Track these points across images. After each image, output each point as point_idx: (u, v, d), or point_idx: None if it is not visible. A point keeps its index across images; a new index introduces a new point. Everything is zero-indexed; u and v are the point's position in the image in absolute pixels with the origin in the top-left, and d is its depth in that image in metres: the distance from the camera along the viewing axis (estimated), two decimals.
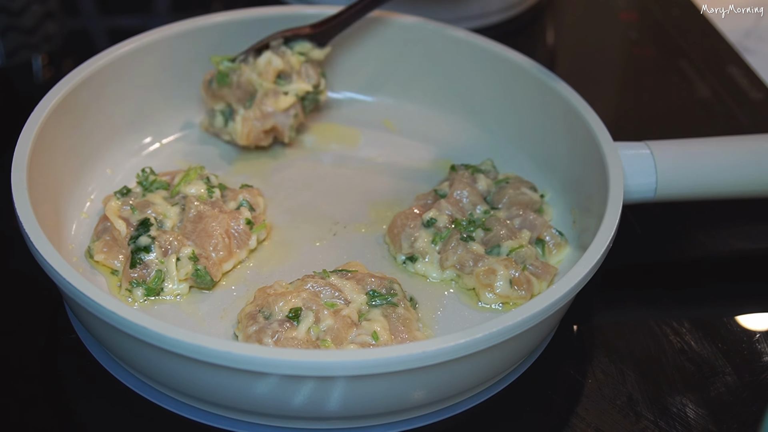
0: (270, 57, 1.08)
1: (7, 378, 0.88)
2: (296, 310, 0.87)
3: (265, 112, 1.07)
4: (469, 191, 1.02)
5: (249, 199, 1.01)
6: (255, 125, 1.07)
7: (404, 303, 0.91)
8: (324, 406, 0.80)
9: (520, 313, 0.80)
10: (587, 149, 1.00)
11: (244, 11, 1.16)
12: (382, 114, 1.20)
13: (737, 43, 1.45)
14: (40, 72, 1.31)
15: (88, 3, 1.49)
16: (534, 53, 1.15)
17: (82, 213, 1.01)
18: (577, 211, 1.02)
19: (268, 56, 1.08)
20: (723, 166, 1.01)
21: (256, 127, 1.07)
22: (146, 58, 1.10)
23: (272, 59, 1.08)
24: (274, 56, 1.08)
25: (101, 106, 1.06)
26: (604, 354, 0.94)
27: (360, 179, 1.11)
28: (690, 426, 0.87)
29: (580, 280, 0.84)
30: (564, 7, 1.55)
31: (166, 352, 0.77)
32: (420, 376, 0.79)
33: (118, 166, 1.08)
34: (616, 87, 1.41)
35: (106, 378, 0.88)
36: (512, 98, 1.13)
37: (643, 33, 1.48)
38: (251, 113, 1.07)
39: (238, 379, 0.78)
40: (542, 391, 0.90)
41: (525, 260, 0.95)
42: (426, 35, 1.17)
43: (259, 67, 1.08)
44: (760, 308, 1.02)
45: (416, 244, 0.98)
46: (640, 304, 1.01)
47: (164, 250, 0.93)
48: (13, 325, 0.94)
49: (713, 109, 1.30)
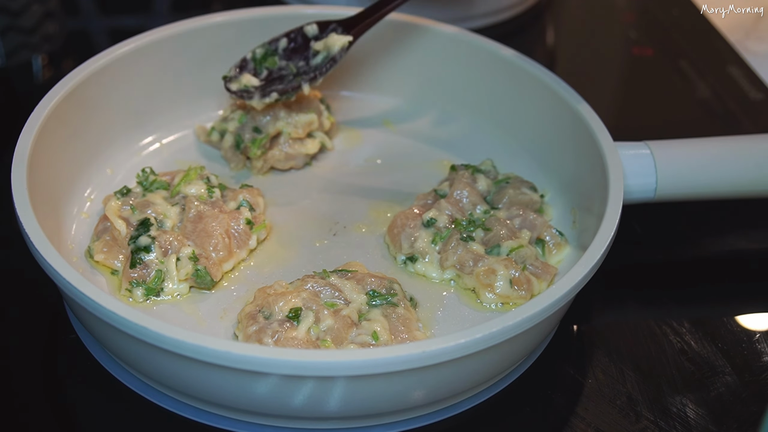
0: (312, 117, 1.09)
1: (7, 378, 0.88)
2: (296, 310, 0.87)
3: (289, 154, 1.09)
4: (469, 191, 1.02)
5: (249, 199, 1.01)
6: (276, 164, 1.09)
7: (404, 303, 0.91)
8: (324, 406, 0.80)
9: (520, 313, 0.80)
10: (587, 149, 1.00)
11: (244, 11, 1.16)
12: (382, 114, 1.20)
13: (737, 43, 1.45)
14: (40, 72, 1.31)
15: (88, 3, 1.49)
16: (534, 53, 1.15)
17: (82, 213, 1.01)
18: (577, 211, 1.02)
19: (312, 117, 1.09)
20: (723, 166, 1.01)
21: (274, 165, 1.09)
22: (146, 58, 1.10)
23: (313, 119, 1.10)
24: (312, 114, 1.10)
25: (101, 106, 1.06)
26: (604, 354, 0.94)
27: (360, 179, 1.11)
28: (690, 426, 0.87)
29: (580, 280, 0.84)
30: (564, 7, 1.55)
31: (166, 352, 0.77)
32: (420, 376, 0.79)
33: (118, 166, 1.08)
34: (616, 87, 1.41)
35: (106, 378, 0.88)
36: (512, 98, 1.13)
37: (643, 33, 1.48)
38: (275, 153, 1.08)
39: (238, 379, 0.78)
40: (542, 391, 0.90)
41: (525, 260, 0.95)
42: (426, 35, 1.17)
43: (300, 122, 1.09)
44: (760, 308, 1.02)
45: (416, 244, 0.98)
46: (640, 304, 1.01)
47: (164, 250, 0.93)
48: (13, 325, 0.94)
49: (713, 109, 1.30)
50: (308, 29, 1.08)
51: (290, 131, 1.08)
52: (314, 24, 1.08)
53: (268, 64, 1.08)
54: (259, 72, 1.08)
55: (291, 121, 1.09)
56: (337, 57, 1.05)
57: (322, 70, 1.05)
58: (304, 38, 1.08)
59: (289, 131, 1.08)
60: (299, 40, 1.08)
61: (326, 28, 1.07)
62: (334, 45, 1.05)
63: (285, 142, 1.09)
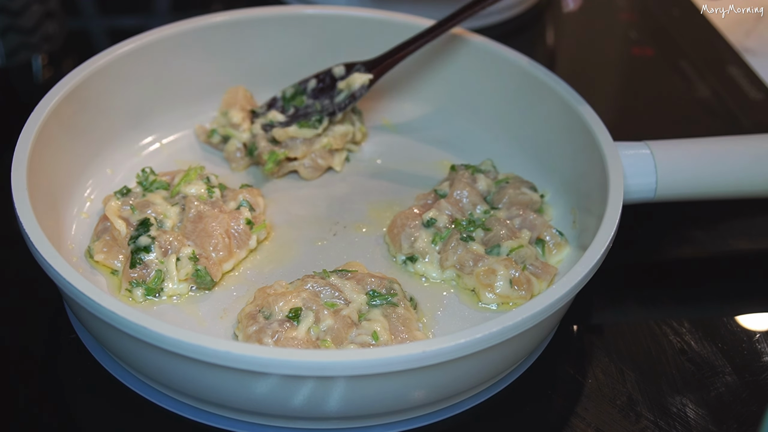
0: (349, 129, 1.11)
1: (8, 378, 0.88)
2: (296, 310, 0.87)
3: (317, 165, 1.09)
4: (469, 191, 1.02)
5: (249, 199, 1.01)
6: (301, 171, 1.09)
7: (404, 303, 0.91)
8: (324, 406, 0.80)
9: (520, 313, 0.80)
10: (587, 149, 1.00)
11: (244, 11, 1.16)
12: (382, 114, 1.20)
13: (737, 43, 1.45)
14: (40, 72, 1.31)
15: (88, 3, 1.49)
16: (534, 53, 1.15)
17: (82, 213, 1.01)
18: (577, 211, 1.02)
19: (348, 128, 1.11)
20: (723, 166, 1.01)
21: (298, 171, 1.10)
22: (146, 58, 1.09)
23: (349, 130, 1.11)
24: (348, 126, 1.12)
25: (101, 106, 1.06)
26: (604, 354, 0.94)
27: (360, 179, 1.11)
28: (690, 426, 0.87)
29: (580, 280, 0.84)
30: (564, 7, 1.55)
31: (166, 352, 0.77)
32: (420, 376, 0.79)
33: (118, 166, 1.08)
34: (616, 87, 1.41)
35: (106, 378, 0.88)
36: (512, 98, 1.13)
37: (643, 33, 1.48)
38: (307, 161, 1.09)
39: (238, 379, 0.78)
40: (542, 391, 0.90)
41: (525, 260, 0.95)
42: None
43: (337, 133, 1.10)
44: (760, 308, 1.02)
45: (416, 244, 0.98)
46: (640, 304, 1.01)
47: (164, 250, 0.93)
48: (13, 325, 0.94)
49: (713, 109, 1.30)
50: (336, 70, 1.12)
51: (330, 141, 1.09)
52: (342, 65, 1.12)
53: (296, 102, 1.13)
54: (286, 109, 1.13)
55: (329, 132, 1.10)
56: (356, 94, 1.10)
57: (341, 105, 1.10)
58: (331, 79, 1.13)
59: (329, 141, 1.09)
60: (327, 81, 1.13)
61: (351, 68, 1.12)
62: (355, 83, 1.10)
63: (318, 153, 1.09)
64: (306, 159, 1.09)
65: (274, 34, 1.17)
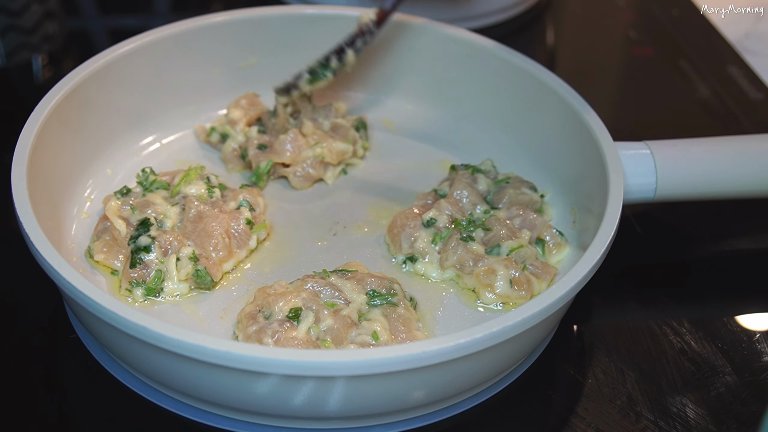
0: (348, 149, 1.10)
1: (8, 378, 0.88)
2: (296, 310, 0.87)
3: (308, 175, 1.08)
4: (469, 191, 1.02)
5: (249, 199, 1.01)
6: (291, 179, 1.08)
7: (404, 303, 0.91)
8: (324, 406, 0.80)
9: (520, 313, 0.80)
10: (587, 149, 1.00)
11: (244, 11, 1.16)
12: (382, 114, 1.20)
13: (737, 43, 1.45)
14: (40, 72, 1.31)
15: (88, 3, 1.49)
16: (534, 53, 1.15)
17: (82, 213, 1.01)
18: (577, 211, 1.02)
19: (347, 147, 1.10)
20: (723, 166, 1.01)
21: (286, 176, 1.09)
22: (146, 58, 1.10)
23: (348, 150, 1.10)
24: (349, 146, 1.10)
25: (101, 106, 1.06)
26: (604, 354, 0.94)
27: (360, 179, 1.11)
28: (690, 426, 0.87)
29: (580, 280, 0.84)
30: (564, 7, 1.55)
31: (166, 352, 0.77)
32: (420, 376, 0.79)
33: (118, 166, 1.08)
34: (616, 87, 1.41)
35: (106, 378, 0.88)
36: (512, 98, 1.13)
37: (643, 33, 1.48)
38: (299, 170, 1.07)
39: (238, 379, 0.78)
40: (542, 391, 0.90)
41: (525, 260, 0.95)
42: (426, 35, 1.17)
43: (335, 149, 1.09)
44: (760, 308, 1.02)
45: (416, 244, 0.98)
46: (640, 304, 1.01)
47: (164, 250, 0.93)
48: (13, 325, 0.94)
49: (713, 109, 1.30)
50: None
51: (323, 153, 1.08)
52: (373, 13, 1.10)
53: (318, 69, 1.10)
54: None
55: (327, 145, 1.08)
56: (364, 29, 1.07)
57: (349, 41, 1.08)
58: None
59: (322, 152, 1.08)
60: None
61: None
62: (362, 18, 1.08)
63: (310, 162, 1.07)
64: (297, 167, 1.07)
65: (274, 34, 1.17)
